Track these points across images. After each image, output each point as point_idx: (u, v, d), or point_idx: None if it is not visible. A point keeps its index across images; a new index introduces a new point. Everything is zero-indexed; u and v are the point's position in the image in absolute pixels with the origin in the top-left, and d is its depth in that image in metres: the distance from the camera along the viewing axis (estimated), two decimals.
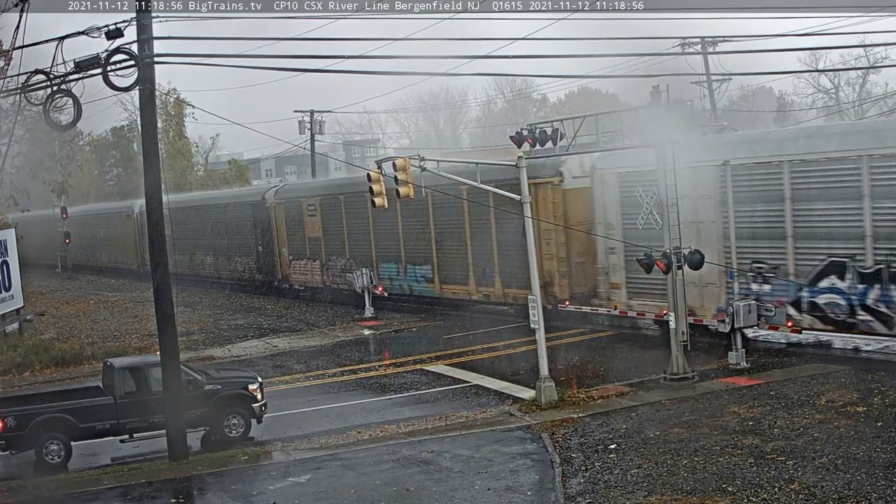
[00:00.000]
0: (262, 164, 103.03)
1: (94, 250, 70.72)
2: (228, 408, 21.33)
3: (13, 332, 35.65)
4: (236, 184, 73.03)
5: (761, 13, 28.01)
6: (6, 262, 34.53)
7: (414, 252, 37.42)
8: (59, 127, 22.96)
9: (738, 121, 51.98)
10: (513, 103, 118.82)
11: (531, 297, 22.65)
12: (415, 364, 28.24)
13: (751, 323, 23.87)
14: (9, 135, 34.23)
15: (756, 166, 24.43)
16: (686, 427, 18.98)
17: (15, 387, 27.58)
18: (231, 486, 17.78)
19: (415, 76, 77.46)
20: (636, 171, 26.97)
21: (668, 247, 23.01)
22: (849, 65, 65.56)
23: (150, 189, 19.78)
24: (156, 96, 20.23)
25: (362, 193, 31.02)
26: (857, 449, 16.61)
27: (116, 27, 18.42)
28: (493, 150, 65.27)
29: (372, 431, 21.04)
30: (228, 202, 52.71)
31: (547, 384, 21.92)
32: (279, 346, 33.45)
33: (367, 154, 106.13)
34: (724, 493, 15.10)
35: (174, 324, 20.14)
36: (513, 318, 33.30)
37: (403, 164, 21.82)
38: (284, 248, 46.14)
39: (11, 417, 20.03)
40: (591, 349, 28.35)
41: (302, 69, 22.86)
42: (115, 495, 17.81)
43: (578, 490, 16.00)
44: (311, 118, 61.04)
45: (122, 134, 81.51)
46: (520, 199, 22.45)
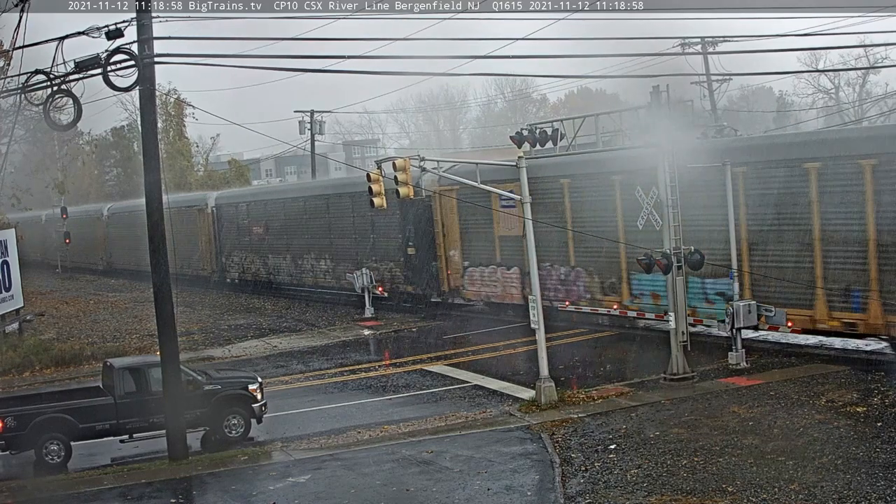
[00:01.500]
0: (262, 164, 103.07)
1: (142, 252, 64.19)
2: (228, 408, 21.33)
3: (13, 332, 35.65)
4: (236, 184, 72.75)
5: (761, 13, 27.97)
6: (6, 262, 34.53)
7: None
8: (59, 127, 22.95)
9: (738, 121, 51.96)
10: (513, 103, 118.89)
11: (531, 297, 22.65)
12: (415, 364, 28.24)
13: (751, 323, 23.90)
14: (9, 135, 34.23)
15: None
16: (686, 427, 18.98)
17: (15, 387, 27.58)
18: (231, 486, 17.78)
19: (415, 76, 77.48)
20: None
21: (668, 247, 23.02)
22: (849, 65, 65.68)
23: (150, 189, 19.76)
24: (156, 96, 20.23)
25: (598, 176, 28.41)
26: (857, 449, 16.61)
27: (116, 27, 18.41)
28: (493, 150, 65.28)
29: (372, 431, 21.04)
30: (355, 191, 37.98)
31: (547, 384, 21.92)
32: (279, 346, 33.45)
33: (367, 154, 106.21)
34: (724, 493, 15.09)
35: (174, 324, 20.13)
36: (513, 318, 33.26)
37: (403, 164, 21.84)
38: (455, 250, 35.86)
39: (11, 417, 20.03)
40: (591, 349, 28.35)
41: (302, 69, 22.85)
42: (115, 495, 17.79)
43: (578, 490, 15.99)
44: (311, 118, 61.03)
45: (122, 134, 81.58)
46: (521, 198, 22.46)
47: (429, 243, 36.52)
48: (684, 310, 23.56)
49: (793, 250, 24.06)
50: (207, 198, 54.00)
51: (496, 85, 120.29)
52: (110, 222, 66.01)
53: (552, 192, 29.98)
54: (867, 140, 23.45)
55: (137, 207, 51.39)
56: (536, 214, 23.25)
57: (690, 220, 23.96)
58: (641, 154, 24.66)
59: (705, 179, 24.53)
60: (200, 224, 53.68)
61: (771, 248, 24.57)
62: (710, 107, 49.83)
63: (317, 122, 61.26)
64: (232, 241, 51.52)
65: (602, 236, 27.66)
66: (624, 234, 27.95)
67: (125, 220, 59.88)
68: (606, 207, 28.71)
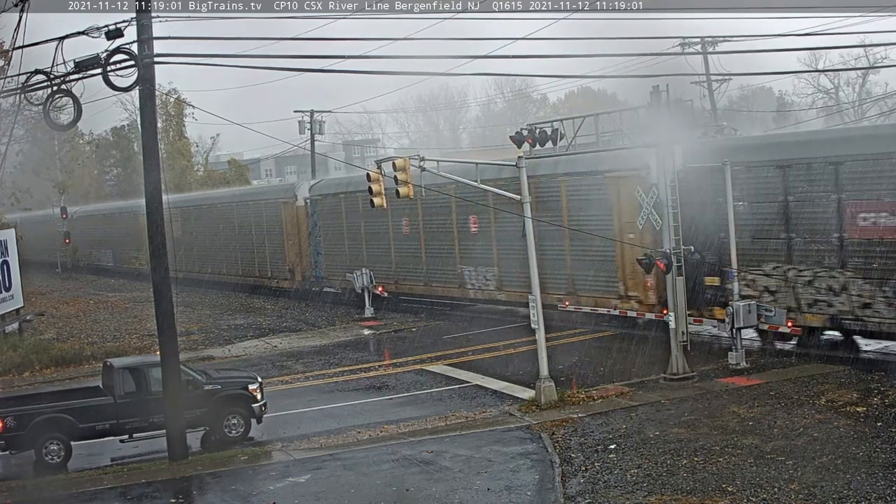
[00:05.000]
0: (262, 164, 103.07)
1: (210, 252, 52.93)
2: (228, 408, 21.33)
3: (13, 332, 35.65)
4: (236, 184, 72.58)
5: (761, 13, 28.03)
6: (6, 262, 34.54)
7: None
8: (59, 127, 22.94)
9: (738, 121, 51.94)
10: (513, 103, 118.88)
11: (531, 296, 22.64)
12: (415, 364, 28.24)
13: (751, 323, 23.90)
14: (8, 135, 34.25)
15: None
16: (686, 427, 18.98)
17: (15, 387, 27.58)
18: (231, 486, 17.78)
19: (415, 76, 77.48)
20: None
21: (668, 247, 23.02)
22: (849, 65, 65.67)
23: (150, 189, 19.76)
24: (156, 96, 20.23)
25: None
26: (857, 449, 16.62)
27: (116, 27, 18.42)
28: (493, 150, 65.27)
29: (372, 431, 21.04)
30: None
31: (547, 384, 21.92)
32: (279, 346, 33.45)
33: (367, 154, 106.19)
34: (724, 493, 15.10)
35: (174, 324, 20.14)
36: (513, 317, 33.26)
37: (403, 164, 21.83)
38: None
39: (11, 417, 20.02)
40: (591, 349, 28.34)
41: (302, 69, 22.87)
42: (115, 495, 17.80)
43: (578, 490, 16.00)
44: (311, 118, 61.05)
45: (122, 134, 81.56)
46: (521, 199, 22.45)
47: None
48: (684, 310, 23.57)
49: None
50: (297, 188, 46.10)
51: (496, 85, 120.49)
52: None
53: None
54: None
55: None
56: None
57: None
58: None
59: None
60: (287, 220, 45.04)
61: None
62: (710, 107, 49.80)
63: (317, 121, 61.30)
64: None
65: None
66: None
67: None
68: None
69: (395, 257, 38.70)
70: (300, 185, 46.98)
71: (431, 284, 37.05)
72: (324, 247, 43.06)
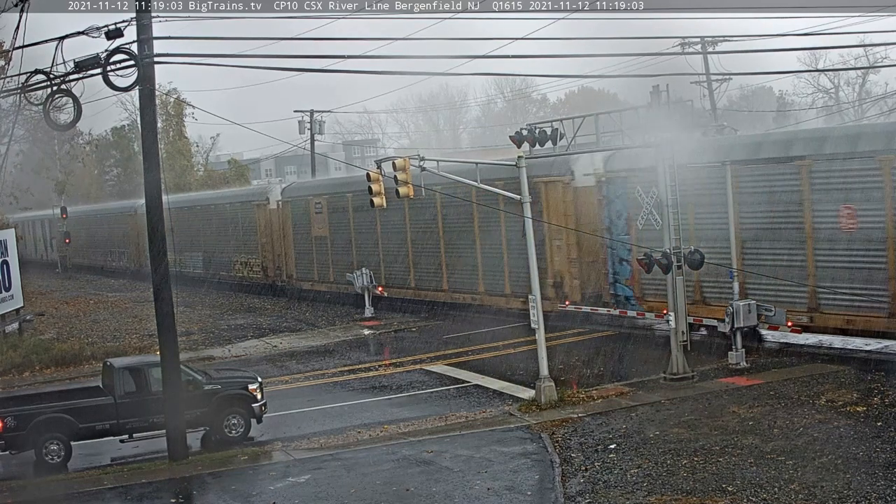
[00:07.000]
0: (262, 164, 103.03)
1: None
2: (228, 408, 21.33)
3: (13, 332, 35.65)
4: (236, 184, 72.58)
5: (761, 13, 28.06)
6: (6, 262, 34.54)
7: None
8: (59, 127, 22.96)
9: (738, 121, 51.97)
10: (513, 103, 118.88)
11: (531, 296, 22.64)
12: (415, 364, 28.24)
13: (751, 323, 23.88)
14: (9, 135, 34.27)
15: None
16: (686, 427, 18.98)
17: (15, 387, 27.57)
18: (231, 486, 17.79)
19: (415, 76, 77.41)
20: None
21: (668, 247, 23.01)
22: (849, 65, 65.64)
23: (150, 189, 19.76)
24: (156, 96, 20.23)
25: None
26: (857, 449, 16.61)
27: (116, 27, 18.42)
28: (493, 150, 65.27)
29: (372, 431, 21.03)
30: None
31: (547, 384, 21.91)
32: (279, 346, 33.45)
33: (367, 154, 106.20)
34: (724, 493, 15.10)
35: (174, 324, 20.13)
36: (514, 318, 33.23)
37: (403, 164, 21.83)
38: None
39: (11, 417, 20.03)
40: (591, 349, 28.34)
41: (302, 69, 22.88)
42: (115, 495, 17.81)
43: (578, 490, 16.00)
44: (311, 118, 61.04)
45: (122, 134, 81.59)
46: (520, 198, 22.44)
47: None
48: (684, 310, 23.56)
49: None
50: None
51: (496, 85, 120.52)
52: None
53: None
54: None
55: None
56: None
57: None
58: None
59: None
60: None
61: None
62: (710, 106, 49.81)
63: (317, 121, 61.29)
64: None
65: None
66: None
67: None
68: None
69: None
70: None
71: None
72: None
